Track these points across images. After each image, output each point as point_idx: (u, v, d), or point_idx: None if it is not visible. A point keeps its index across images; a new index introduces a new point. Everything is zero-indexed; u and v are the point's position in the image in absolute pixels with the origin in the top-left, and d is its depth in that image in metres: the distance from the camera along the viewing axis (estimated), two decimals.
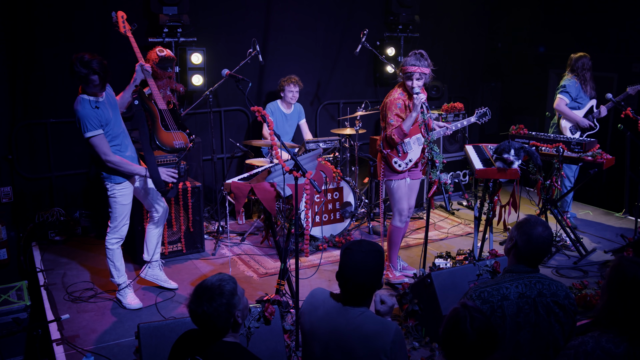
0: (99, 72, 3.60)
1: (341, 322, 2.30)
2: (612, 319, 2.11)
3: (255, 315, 3.04)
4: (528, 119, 7.26)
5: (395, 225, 4.41)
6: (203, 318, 2.10)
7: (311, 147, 5.30)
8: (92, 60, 3.58)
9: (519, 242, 2.53)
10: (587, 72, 5.38)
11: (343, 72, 6.93)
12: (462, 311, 2.00)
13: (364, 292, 2.32)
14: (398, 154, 4.25)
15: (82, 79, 3.60)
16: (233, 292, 2.15)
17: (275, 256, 5.05)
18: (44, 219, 5.31)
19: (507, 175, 4.33)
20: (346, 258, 2.33)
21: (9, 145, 5.23)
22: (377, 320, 2.31)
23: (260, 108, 3.32)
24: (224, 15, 6.05)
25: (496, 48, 7.96)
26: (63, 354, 3.47)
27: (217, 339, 2.16)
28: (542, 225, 2.52)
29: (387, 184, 4.36)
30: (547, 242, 2.52)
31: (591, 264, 4.85)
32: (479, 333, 1.95)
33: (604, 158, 4.67)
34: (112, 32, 5.51)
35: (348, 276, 2.30)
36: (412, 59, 4.10)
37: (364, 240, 2.40)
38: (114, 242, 4.02)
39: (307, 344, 2.40)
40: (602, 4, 6.60)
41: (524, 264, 2.54)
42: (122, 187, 3.91)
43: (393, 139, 4.14)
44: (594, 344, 2.06)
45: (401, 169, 4.28)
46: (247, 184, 3.78)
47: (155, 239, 4.29)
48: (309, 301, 2.46)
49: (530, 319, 2.46)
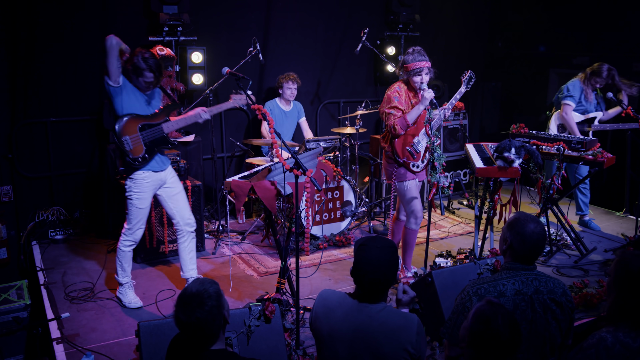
0: (155, 72, 3.79)
1: (364, 319, 2.29)
2: (622, 314, 2.12)
3: (256, 314, 3.03)
4: (528, 118, 7.26)
5: (411, 228, 4.33)
6: (197, 325, 2.04)
7: (311, 145, 5.30)
8: (153, 59, 3.78)
9: (514, 243, 2.52)
10: (599, 79, 5.31)
11: (343, 71, 6.92)
12: (489, 309, 1.99)
13: (381, 288, 2.31)
14: (413, 156, 4.20)
15: (136, 72, 3.75)
16: (219, 292, 2.13)
17: (275, 255, 5.05)
18: (44, 218, 5.31)
19: (508, 173, 4.32)
20: (361, 254, 2.33)
21: (9, 144, 5.23)
22: (400, 314, 2.32)
23: (260, 106, 3.31)
24: (224, 14, 6.04)
25: (496, 47, 7.95)
26: (63, 352, 3.46)
27: (209, 346, 2.11)
28: (533, 222, 2.52)
29: (399, 186, 4.28)
30: (541, 238, 2.51)
31: (592, 263, 4.84)
32: (511, 329, 1.96)
33: (605, 157, 4.67)
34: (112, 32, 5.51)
35: (364, 272, 2.30)
36: (418, 55, 4.09)
37: (378, 236, 2.41)
38: (128, 244, 4.00)
39: (327, 347, 2.36)
40: (602, 4, 6.59)
41: (520, 262, 2.55)
42: (140, 182, 3.84)
43: (396, 128, 4.09)
44: (613, 339, 2.07)
45: (419, 169, 4.27)
46: (248, 182, 3.77)
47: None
48: (321, 304, 2.42)
49: (527, 315, 2.46)
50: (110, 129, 4.03)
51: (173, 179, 4.09)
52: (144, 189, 3.88)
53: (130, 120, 3.76)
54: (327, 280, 4.57)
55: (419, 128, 4.22)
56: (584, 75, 5.39)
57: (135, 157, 3.79)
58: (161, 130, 3.87)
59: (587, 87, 5.38)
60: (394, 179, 4.28)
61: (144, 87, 3.83)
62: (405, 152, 4.19)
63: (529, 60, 7.51)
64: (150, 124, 3.84)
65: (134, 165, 3.81)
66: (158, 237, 4.84)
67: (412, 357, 2.26)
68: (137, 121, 3.79)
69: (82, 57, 5.41)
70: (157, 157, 3.90)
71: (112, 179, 5.28)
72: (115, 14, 5.47)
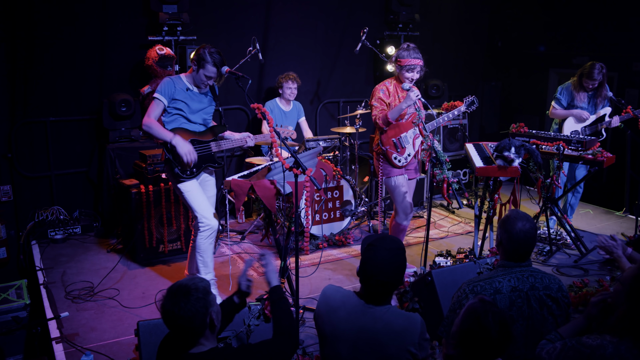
0: (218, 66, 3.74)
1: (368, 321, 2.27)
2: (631, 328, 2.05)
3: (255, 313, 3.03)
4: (528, 118, 7.26)
5: (400, 223, 4.39)
6: (179, 315, 2.03)
7: (311, 145, 5.29)
8: (219, 55, 3.76)
9: (503, 241, 2.58)
10: (589, 81, 5.19)
11: (343, 71, 6.92)
12: (480, 306, 1.99)
13: (387, 290, 2.30)
14: (397, 149, 4.26)
15: (199, 64, 3.72)
16: (207, 289, 2.12)
17: (275, 254, 5.04)
18: (43, 218, 5.30)
19: (508, 173, 4.32)
20: (369, 255, 2.30)
21: (9, 144, 5.22)
22: (404, 315, 2.31)
23: (260, 105, 3.31)
24: (223, 14, 6.04)
25: (496, 47, 7.95)
26: (62, 352, 3.46)
27: (192, 342, 2.09)
28: (522, 220, 2.54)
29: (387, 182, 4.36)
30: (529, 235, 2.52)
31: (591, 262, 4.84)
32: (501, 326, 1.95)
33: (605, 156, 4.66)
34: (112, 31, 5.53)
35: (370, 274, 2.27)
36: (413, 52, 4.14)
37: (387, 236, 2.37)
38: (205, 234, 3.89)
39: (328, 346, 2.35)
40: (602, 3, 6.59)
41: (512, 260, 2.57)
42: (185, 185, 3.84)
43: (377, 122, 4.20)
44: (614, 351, 2.01)
45: (401, 164, 4.30)
46: (247, 181, 3.77)
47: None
48: (324, 302, 2.40)
49: (523, 312, 2.47)
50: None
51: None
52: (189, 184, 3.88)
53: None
54: (326, 279, 4.56)
55: (406, 126, 4.28)
56: (576, 77, 5.31)
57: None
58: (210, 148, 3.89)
59: (579, 90, 5.25)
60: (381, 175, 4.34)
61: (204, 81, 3.79)
62: (389, 141, 4.26)
63: (529, 60, 7.51)
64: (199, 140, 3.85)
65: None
66: (158, 236, 4.84)
67: (414, 357, 2.25)
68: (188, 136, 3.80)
69: (82, 57, 5.41)
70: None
71: (112, 179, 5.29)
72: (115, 13, 5.46)
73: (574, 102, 5.30)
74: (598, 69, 5.09)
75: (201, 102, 3.89)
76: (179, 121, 3.81)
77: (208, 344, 2.12)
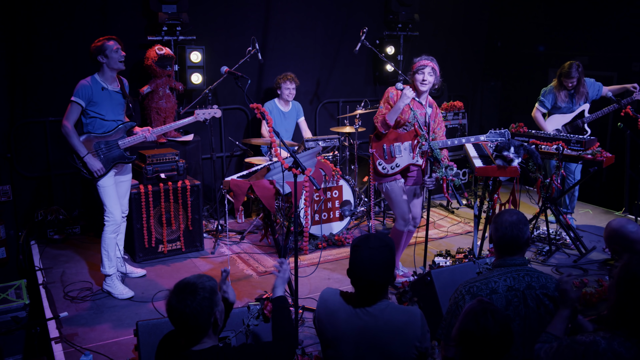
0: (117, 40, 4.04)
1: (369, 320, 2.28)
2: (621, 319, 2.06)
3: (255, 313, 3.03)
4: (528, 118, 7.26)
5: (397, 229, 4.29)
6: (185, 313, 2.04)
7: (310, 145, 5.29)
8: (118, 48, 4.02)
9: (492, 235, 2.61)
10: (568, 80, 5.28)
11: (342, 71, 6.92)
12: (479, 306, 2.00)
13: (376, 289, 2.30)
14: (384, 156, 4.19)
15: (102, 52, 3.98)
16: (214, 288, 2.13)
17: (274, 254, 5.04)
18: (42, 218, 5.30)
19: (507, 172, 4.32)
20: (355, 256, 2.31)
21: (8, 144, 5.22)
22: (403, 310, 2.32)
23: (259, 105, 3.30)
24: (223, 14, 6.04)
25: (496, 47, 7.95)
26: (62, 352, 3.46)
27: (196, 340, 2.10)
28: (508, 213, 2.58)
29: (379, 187, 4.31)
30: (514, 226, 2.53)
31: (591, 262, 4.84)
32: (501, 326, 1.96)
33: (604, 156, 4.66)
34: (111, 31, 5.52)
35: (358, 274, 2.29)
36: (424, 56, 4.16)
37: (372, 235, 2.37)
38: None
39: (331, 348, 2.35)
40: (601, 3, 6.59)
41: (506, 255, 2.58)
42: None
43: (376, 125, 4.17)
44: (606, 346, 2.02)
45: (385, 172, 4.20)
46: (246, 181, 3.77)
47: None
48: (323, 305, 2.41)
49: (520, 311, 2.48)
50: None
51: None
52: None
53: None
54: (326, 279, 4.56)
55: (404, 137, 4.18)
56: (556, 79, 5.42)
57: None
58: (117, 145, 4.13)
59: (560, 90, 5.37)
60: (372, 180, 4.33)
61: (118, 59, 4.01)
62: (379, 146, 4.22)
63: (528, 59, 7.52)
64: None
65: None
66: (157, 236, 4.84)
67: (419, 350, 2.27)
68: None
69: (81, 57, 5.39)
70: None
71: None
72: (114, 13, 5.46)
73: (557, 104, 5.41)
74: (575, 67, 5.25)
75: (115, 100, 4.11)
76: (95, 122, 4.04)
77: (210, 342, 2.14)
